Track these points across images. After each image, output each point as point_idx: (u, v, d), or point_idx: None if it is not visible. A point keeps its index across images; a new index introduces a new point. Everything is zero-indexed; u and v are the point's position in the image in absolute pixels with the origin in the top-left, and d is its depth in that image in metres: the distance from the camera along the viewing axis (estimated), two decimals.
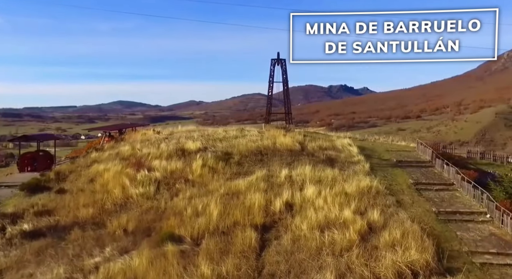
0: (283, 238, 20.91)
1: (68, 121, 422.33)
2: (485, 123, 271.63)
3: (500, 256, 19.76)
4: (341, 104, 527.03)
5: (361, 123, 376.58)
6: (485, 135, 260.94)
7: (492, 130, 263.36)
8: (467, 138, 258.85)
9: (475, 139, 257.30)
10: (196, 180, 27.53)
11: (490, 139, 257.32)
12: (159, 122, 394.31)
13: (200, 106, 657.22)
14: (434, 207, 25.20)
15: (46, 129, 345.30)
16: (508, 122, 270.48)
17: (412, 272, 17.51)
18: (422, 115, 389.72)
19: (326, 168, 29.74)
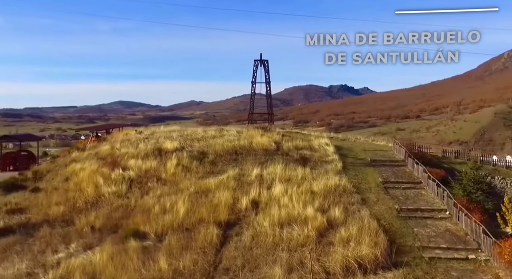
0: (244, 234, 21.74)
1: (68, 121, 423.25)
2: (484, 123, 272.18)
3: (449, 250, 20.56)
4: (341, 104, 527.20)
5: (361, 123, 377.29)
6: (484, 135, 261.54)
7: (491, 130, 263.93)
8: (466, 138, 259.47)
9: (474, 139, 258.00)
10: (168, 179, 28.37)
11: (489, 139, 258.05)
12: (159, 122, 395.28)
13: (200, 106, 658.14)
14: (397, 204, 25.96)
15: (46, 130, 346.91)
16: (507, 122, 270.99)
17: (359, 266, 18.31)
18: (422, 115, 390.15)
19: (298, 167, 30.49)
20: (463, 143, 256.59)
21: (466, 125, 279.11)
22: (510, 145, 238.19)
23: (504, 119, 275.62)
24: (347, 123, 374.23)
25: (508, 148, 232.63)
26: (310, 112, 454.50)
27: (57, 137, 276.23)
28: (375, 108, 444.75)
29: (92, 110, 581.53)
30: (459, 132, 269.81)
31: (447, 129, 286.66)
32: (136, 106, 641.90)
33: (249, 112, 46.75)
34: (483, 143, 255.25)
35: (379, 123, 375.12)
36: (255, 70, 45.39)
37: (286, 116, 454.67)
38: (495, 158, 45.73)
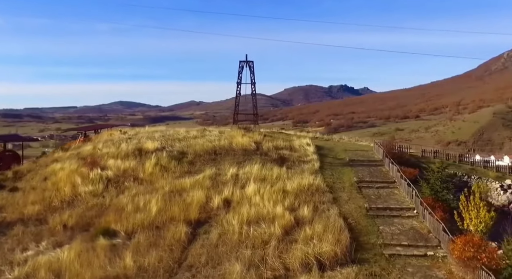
0: (212, 232, 22.30)
1: (68, 121, 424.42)
2: (483, 123, 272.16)
3: (410, 248, 21.09)
4: (341, 104, 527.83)
5: (360, 123, 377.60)
6: (483, 135, 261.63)
7: (490, 130, 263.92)
8: (465, 138, 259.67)
9: (473, 139, 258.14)
10: (146, 178, 28.96)
11: (487, 139, 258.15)
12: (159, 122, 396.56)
13: (200, 106, 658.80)
14: (367, 203, 26.49)
15: (46, 130, 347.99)
16: (506, 122, 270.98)
17: (318, 263, 18.83)
18: (421, 115, 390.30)
19: (275, 167, 31.06)
20: (462, 143, 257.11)
21: (465, 125, 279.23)
22: (508, 145, 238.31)
23: (503, 119, 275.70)
24: (346, 123, 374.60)
25: (507, 148, 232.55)
26: (309, 112, 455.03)
27: (56, 138, 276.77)
28: (374, 108, 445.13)
29: (92, 110, 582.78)
30: (458, 132, 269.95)
31: (446, 129, 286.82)
32: (136, 106, 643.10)
33: (234, 113, 47.01)
34: (481, 143, 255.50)
35: (378, 123, 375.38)
36: (240, 71, 45.66)
37: (285, 116, 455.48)
38: (492, 158, 46.14)
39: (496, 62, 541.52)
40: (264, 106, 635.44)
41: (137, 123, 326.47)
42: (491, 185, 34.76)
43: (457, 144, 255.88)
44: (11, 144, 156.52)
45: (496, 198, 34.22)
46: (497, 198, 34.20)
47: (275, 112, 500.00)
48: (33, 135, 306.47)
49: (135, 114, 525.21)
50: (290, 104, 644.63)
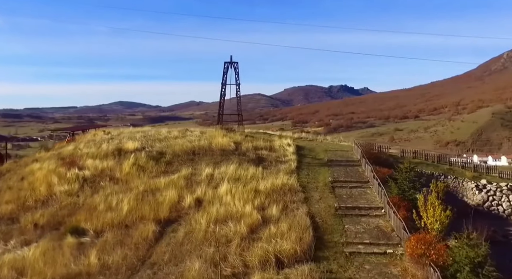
0: (180, 231, 22.79)
1: (68, 121, 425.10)
2: (482, 123, 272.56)
3: (371, 246, 21.55)
4: (341, 104, 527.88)
5: (359, 123, 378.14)
6: (482, 135, 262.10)
7: (489, 130, 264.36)
8: (464, 138, 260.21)
9: (471, 139, 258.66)
10: (122, 178, 29.45)
11: (486, 139, 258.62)
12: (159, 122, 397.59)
13: (200, 106, 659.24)
14: (337, 203, 26.92)
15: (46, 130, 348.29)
16: (504, 122, 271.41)
17: (277, 260, 19.29)
18: (420, 115, 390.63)
19: (251, 167, 31.49)
20: (461, 144, 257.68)
21: (463, 125, 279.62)
22: (507, 145, 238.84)
23: (501, 119, 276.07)
24: (345, 123, 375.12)
25: (505, 148, 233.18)
26: (309, 113, 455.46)
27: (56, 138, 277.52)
28: (374, 108, 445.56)
29: (92, 110, 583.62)
30: (457, 133, 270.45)
31: (445, 129, 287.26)
32: (136, 107, 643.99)
33: (218, 113, 47.46)
34: (480, 143, 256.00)
35: (377, 123, 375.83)
36: (225, 72, 46.13)
37: (285, 117, 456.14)
38: (490, 158, 46.43)
39: (496, 62, 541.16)
40: (264, 106, 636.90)
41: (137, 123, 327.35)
42: (466, 185, 35.24)
43: (455, 144, 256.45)
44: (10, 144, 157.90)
45: (472, 197, 34.69)
46: (472, 197, 34.67)
47: (275, 112, 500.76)
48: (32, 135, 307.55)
49: (135, 114, 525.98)
50: (290, 104, 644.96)
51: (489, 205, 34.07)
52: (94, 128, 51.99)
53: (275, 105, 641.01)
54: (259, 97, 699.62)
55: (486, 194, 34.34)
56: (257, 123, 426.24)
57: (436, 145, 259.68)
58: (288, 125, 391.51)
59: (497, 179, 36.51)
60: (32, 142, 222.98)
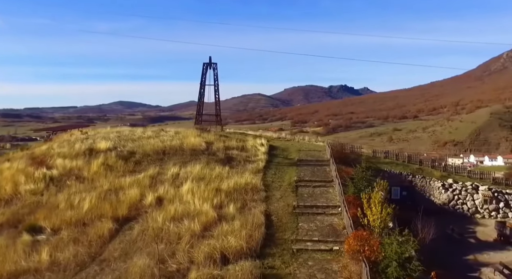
0: (136, 228, 23.34)
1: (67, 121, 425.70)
2: (480, 123, 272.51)
3: (319, 243, 22.10)
4: (340, 104, 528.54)
5: (359, 123, 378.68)
6: (480, 135, 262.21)
7: (487, 130, 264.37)
8: (462, 138, 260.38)
9: (469, 139, 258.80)
10: (89, 177, 30.03)
11: (484, 139, 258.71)
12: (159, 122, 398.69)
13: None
14: (296, 201, 27.47)
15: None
16: (502, 122, 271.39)
17: (223, 257, 19.85)
18: (419, 115, 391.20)
19: (218, 167, 32.07)
20: (459, 143, 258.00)
21: (462, 126, 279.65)
22: (505, 145, 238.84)
23: (499, 119, 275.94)
24: (345, 123, 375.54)
25: (503, 148, 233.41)
26: (308, 113, 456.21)
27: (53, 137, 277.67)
28: (373, 108, 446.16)
29: (92, 110, 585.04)
30: (455, 133, 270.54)
31: (443, 129, 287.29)
32: (136, 106, 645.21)
33: (196, 114, 48.04)
34: (478, 143, 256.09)
35: (376, 123, 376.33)
36: (204, 73, 46.72)
37: (284, 117, 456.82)
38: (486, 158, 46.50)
39: (495, 62, 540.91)
40: (264, 106, 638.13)
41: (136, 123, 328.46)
42: (434, 184, 35.76)
43: (453, 144, 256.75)
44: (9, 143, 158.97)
45: (438, 196, 35.24)
46: (439, 196, 35.22)
47: (274, 112, 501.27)
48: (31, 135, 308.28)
49: (134, 114, 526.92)
50: (290, 104, 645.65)
51: (454, 204, 34.64)
52: (77, 128, 52.53)
53: (275, 105, 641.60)
54: (259, 97, 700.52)
55: (452, 193, 34.89)
56: (256, 123, 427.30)
57: (434, 145, 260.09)
58: (287, 125, 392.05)
59: (465, 178, 37.05)
60: (31, 142, 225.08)
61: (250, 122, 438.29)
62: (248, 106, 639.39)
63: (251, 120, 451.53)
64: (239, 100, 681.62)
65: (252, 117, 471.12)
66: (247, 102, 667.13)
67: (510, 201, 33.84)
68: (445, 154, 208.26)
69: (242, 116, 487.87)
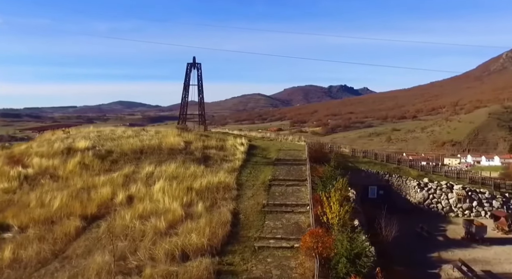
0: (103, 226, 23.66)
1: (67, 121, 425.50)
2: (478, 123, 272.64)
3: (282, 240, 22.36)
4: (340, 104, 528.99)
5: (357, 123, 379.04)
6: (478, 135, 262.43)
7: (485, 130, 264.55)
8: (460, 138, 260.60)
9: (468, 139, 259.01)
10: (64, 176, 30.37)
11: (482, 139, 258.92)
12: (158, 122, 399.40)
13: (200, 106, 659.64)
14: (267, 200, 27.76)
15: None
16: (501, 122, 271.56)
17: (183, 254, 20.17)
18: (418, 115, 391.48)
19: (194, 166, 32.39)
20: (457, 144, 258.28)
21: (460, 126, 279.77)
22: (503, 145, 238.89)
23: (498, 119, 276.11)
24: (344, 123, 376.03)
25: (501, 148, 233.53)
26: (308, 113, 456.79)
27: None
28: (373, 108, 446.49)
29: (92, 110, 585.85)
30: (453, 133, 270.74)
31: (442, 129, 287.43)
32: (136, 106, 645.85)
33: (179, 114, 48.39)
34: (476, 143, 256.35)
35: (375, 123, 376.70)
36: (188, 73, 47.06)
37: (284, 116, 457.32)
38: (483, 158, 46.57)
39: (495, 62, 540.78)
40: (264, 106, 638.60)
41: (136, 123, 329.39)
42: (410, 183, 36.06)
43: (452, 145, 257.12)
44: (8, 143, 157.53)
45: (414, 195, 35.55)
46: (414, 195, 35.52)
47: (274, 112, 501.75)
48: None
49: (134, 114, 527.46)
50: (290, 104, 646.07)
51: (429, 203, 34.97)
52: (63, 127, 52.78)
53: (274, 105, 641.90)
54: (258, 97, 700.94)
55: (427, 192, 35.21)
56: (256, 123, 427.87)
57: (433, 145, 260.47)
58: (287, 125, 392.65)
59: (442, 178, 37.33)
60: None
61: (250, 122, 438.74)
62: (247, 106, 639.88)
63: (250, 120, 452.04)
64: (238, 100, 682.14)
65: (252, 117, 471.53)
66: (246, 102, 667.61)
67: (483, 200, 34.15)
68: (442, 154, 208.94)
69: (241, 116, 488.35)
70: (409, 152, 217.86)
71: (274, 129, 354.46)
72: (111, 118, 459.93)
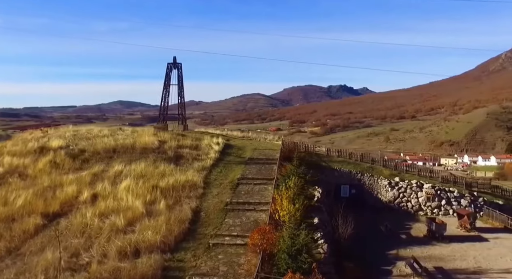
0: (62, 224, 23.97)
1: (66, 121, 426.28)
2: (476, 123, 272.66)
3: (237, 237, 22.58)
4: (339, 104, 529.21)
5: (356, 123, 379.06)
6: (476, 135, 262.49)
7: (483, 130, 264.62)
8: (458, 138, 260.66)
9: (466, 139, 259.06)
10: (33, 174, 30.66)
11: (480, 139, 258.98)
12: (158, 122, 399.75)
13: (199, 106, 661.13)
14: (231, 198, 27.99)
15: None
16: (498, 123, 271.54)
17: (136, 250, 20.45)
18: (417, 115, 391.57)
19: (164, 165, 32.61)
20: (455, 144, 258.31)
21: (458, 126, 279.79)
22: (500, 145, 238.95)
23: (496, 119, 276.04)
24: (342, 123, 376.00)
25: (498, 148, 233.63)
26: (307, 112, 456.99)
27: None
28: (372, 108, 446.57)
29: (91, 109, 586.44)
30: (451, 133, 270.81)
31: (440, 129, 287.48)
32: (135, 106, 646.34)
33: (159, 113, 48.66)
34: (474, 143, 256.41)
35: (374, 123, 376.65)
36: (168, 73, 47.31)
37: (283, 116, 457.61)
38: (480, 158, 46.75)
39: (494, 62, 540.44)
40: (263, 106, 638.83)
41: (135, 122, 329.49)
42: (381, 183, 36.30)
43: (450, 145, 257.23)
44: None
45: (385, 194, 35.81)
46: (385, 194, 35.80)
47: (273, 112, 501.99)
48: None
49: (133, 114, 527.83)
50: (289, 104, 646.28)
51: (399, 202, 35.23)
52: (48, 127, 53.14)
53: (274, 105, 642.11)
54: (258, 97, 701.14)
55: (397, 191, 35.47)
56: (255, 122, 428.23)
57: (431, 145, 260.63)
58: (286, 125, 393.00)
59: (415, 177, 37.57)
60: None
61: (249, 122, 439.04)
62: (247, 106, 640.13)
63: (249, 120, 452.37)
64: (238, 100, 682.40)
65: (251, 117, 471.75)
66: (246, 102, 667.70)
67: (451, 199, 34.39)
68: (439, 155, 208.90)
69: (240, 116, 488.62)
70: (407, 152, 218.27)
71: (273, 129, 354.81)
72: (111, 117, 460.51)
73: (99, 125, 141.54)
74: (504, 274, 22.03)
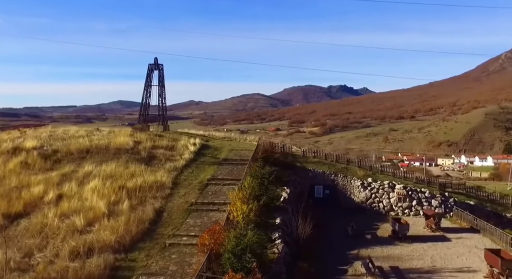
0: (23, 224, 24.06)
1: (66, 121, 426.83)
2: (475, 123, 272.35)
3: (194, 238, 22.45)
4: (339, 104, 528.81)
5: (355, 123, 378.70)
6: (474, 136, 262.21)
7: (481, 130, 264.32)
8: (456, 138, 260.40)
9: (464, 140, 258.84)
10: (1, 175, 30.78)
11: (479, 140, 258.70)
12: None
13: (199, 106, 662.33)
14: (196, 198, 28.10)
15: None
16: (497, 123, 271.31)
17: (89, 250, 20.57)
18: (416, 115, 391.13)
19: (135, 165, 32.70)
20: (453, 144, 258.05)
21: (457, 126, 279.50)
22: (498, 146, 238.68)
23: (494, 120, 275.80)
24: (342, 123, 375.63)
25: (496, 148, 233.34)
26: (306, 113, 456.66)
27: None
28: (371, 109, 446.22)
29: (91, 109, 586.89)
30: (450, 133, 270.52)
31: (438, 129, 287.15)
32: (135, 106, 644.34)
33: (139, 114, 48.80)
34: (473, 143, 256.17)
35: (373, 123, 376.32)
36: (149, 74, 47.48)
37: (282, 116, 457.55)
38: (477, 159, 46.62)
39: (494, 63, 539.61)
40: (263, 106, 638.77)
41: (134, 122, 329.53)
42: (354, 183, 36.36)
43: (448, 145, 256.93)
44: None
45: (357, 195, 35.89)
46: (358, 195, 35.87)
47: (273, 112, 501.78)
48: None
49: (133, 114, 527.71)
50: (289, 104, 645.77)
51: (371, 202, 35.31)
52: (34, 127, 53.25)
53: (274, 105, 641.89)
54: (258, 97, 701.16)
55: (370, 192, 35.55)
56: (254, 122, 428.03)
57: (429, 145, 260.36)
58: (285, 125, 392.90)
59: (390, 178, 37.64)
60: None
61: (248, 122, 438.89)
62: (247, 106, 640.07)
63: (249, 120, 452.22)
64: (238, 100, 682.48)
65: (251, 117, 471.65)
66: (246, 102, 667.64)
67: (422, 199, 34.44)
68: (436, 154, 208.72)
69: (240, 116, 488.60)
70: (405, 152, 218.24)
71: (272, 129, 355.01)
72: (110, 117, 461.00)
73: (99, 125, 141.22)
74: (456, 273, 22.12)
